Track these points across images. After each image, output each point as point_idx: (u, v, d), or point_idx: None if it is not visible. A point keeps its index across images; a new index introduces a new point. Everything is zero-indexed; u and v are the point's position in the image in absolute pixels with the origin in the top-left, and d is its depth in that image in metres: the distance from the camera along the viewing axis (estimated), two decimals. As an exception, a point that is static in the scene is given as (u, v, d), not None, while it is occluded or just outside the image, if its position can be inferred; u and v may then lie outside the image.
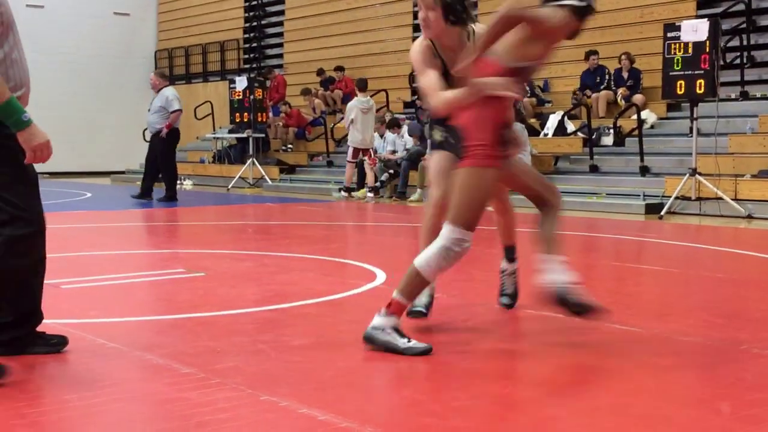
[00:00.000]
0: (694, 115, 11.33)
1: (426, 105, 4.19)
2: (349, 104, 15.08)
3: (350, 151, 14.81)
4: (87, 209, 12.67)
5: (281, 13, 22.25)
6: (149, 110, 13.76)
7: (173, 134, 13.66)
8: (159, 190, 13.98)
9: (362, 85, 15.20)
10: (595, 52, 14.51)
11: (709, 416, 3.08)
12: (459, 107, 3.87)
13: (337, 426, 2.88)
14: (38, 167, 3.61)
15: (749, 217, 10.59)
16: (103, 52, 24.37)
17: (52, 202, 13.97)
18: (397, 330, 3.86)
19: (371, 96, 18.04)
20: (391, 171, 14.69)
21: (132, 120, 22.24)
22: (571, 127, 14.26)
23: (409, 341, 3.83)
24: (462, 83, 3.84)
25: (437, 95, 3.98)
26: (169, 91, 13.66)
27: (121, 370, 3.66)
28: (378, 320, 3.87)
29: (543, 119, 14.73)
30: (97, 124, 23.76)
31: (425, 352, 3.80)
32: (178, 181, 19.22)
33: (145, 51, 25.60)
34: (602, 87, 14.42)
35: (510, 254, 4.90)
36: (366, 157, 14.78)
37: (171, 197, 13.65)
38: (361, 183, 15.07)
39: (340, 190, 14.95)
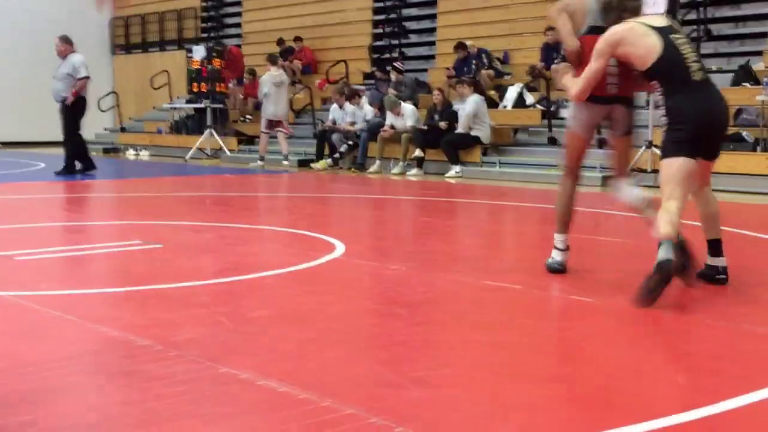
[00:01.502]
0: (651, 88, 11.40)
1: None
2: (262, 78, 15.69)
3: (264, 122, 15.44)
4: (40, 180, 12.47)
5: (240, -19, 21.98)
6: (54, 77, 13.05)
7: (80, 103, 12.88)
8: (113, 159, 13.65)
9: (274, 60, 15.88)
10: (552, 28, 14.49)
11: (665, 386, 3.13)
12: None
13: (296, 398, 2.88)
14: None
15: (704, 189, 10.72)
16: (57, 20, 23.84)
17: (4, 172, 13.73)
18: None
19: (332, 66, 17.97)
20: (351, 142, 14.64)
21: (88, 89, 21.87)
22: (530, 99, 14.29)
23: None
24: None
25: None
26: (77, 58, 12.88)
27: (77, 343, 3.61)
28: None
29: (502, 91, 14.74)
30: (51, 93, 23.32)
31: None
32: (134, 151, 19.11)
33: (100, 19, 25.12)
34: (557, 61, 14.43)
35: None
36: (281, 128, 15.33)
37: (70, 170, 12.84)
38: (320, 154, 15.01)
39: (259, 160, 15.38)
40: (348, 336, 3.78)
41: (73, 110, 12.83)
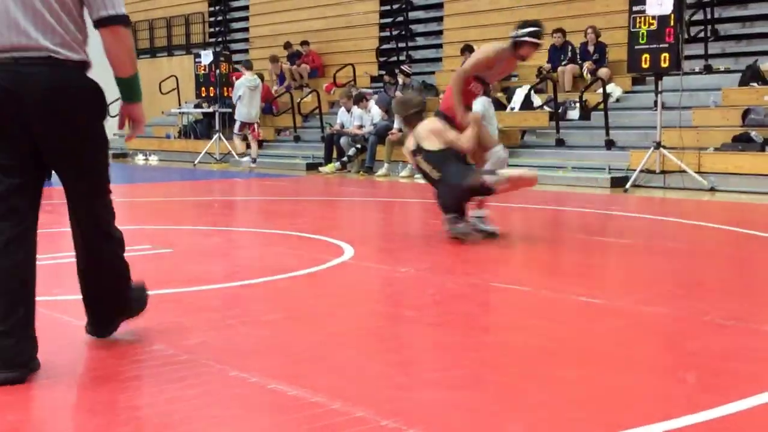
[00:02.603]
0: (659, 89, 11.41)
1: None
2: (238, 82, 16.41)
3: (237, 124, 16.17)
4: (48, 185, 12.50)
5: (246, -15, 22.02)
6: None
7: None
8: (122, 164, 13.73)
9: (249, 65, 16.62)
10: (559, 30, 14.50)
11: (674, 385, 3.13)
12: None
13: (307, 401, 2.89)
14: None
15: (712, 189, 10.71)
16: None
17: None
18: None
19: (339, 70, 18.00)
20: (359, 146, 14.67)
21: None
22: (537, 101, 14.29)
23: None
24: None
25: None
26: None
27: (89, 348, 3.64)
28: None
29: (509, 93, 14.74)
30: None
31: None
32: (143, 156, 19.16)
33: (108, 24, 25.21)
34: (564, 63, 14.43)
35: None
36: (250, 131, 16.05)
37: None
38: (329, 157, 15.04)
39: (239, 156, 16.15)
40: (358, 339, 3.80)
41: None
